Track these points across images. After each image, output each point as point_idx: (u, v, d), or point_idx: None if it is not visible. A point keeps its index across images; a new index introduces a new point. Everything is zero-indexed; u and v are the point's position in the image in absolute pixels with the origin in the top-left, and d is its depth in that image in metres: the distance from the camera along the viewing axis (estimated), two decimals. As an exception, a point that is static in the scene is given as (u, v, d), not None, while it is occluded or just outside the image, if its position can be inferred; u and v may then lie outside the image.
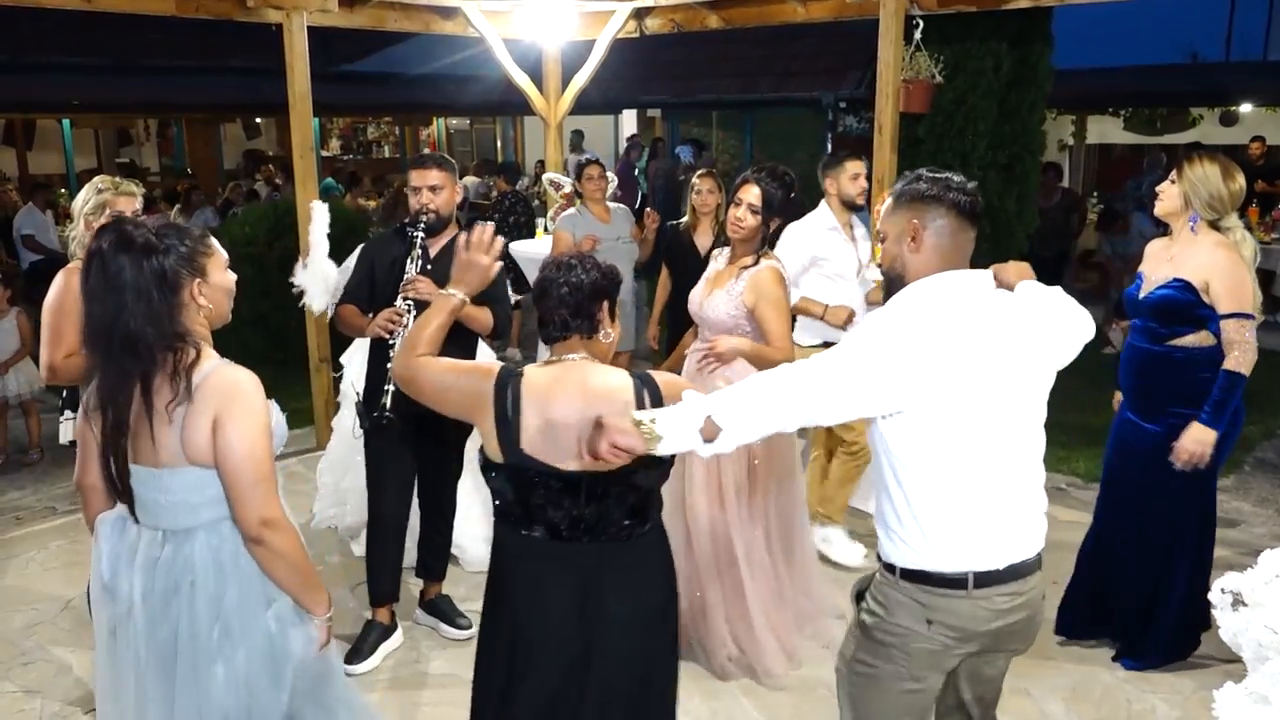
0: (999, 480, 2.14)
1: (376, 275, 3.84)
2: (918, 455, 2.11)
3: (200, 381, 2.16)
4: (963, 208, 2.19)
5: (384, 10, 6.52)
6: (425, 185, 3.74)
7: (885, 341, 2.09)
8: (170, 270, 2.17)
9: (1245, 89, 14.29)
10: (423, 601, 4.22)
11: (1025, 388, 2.17)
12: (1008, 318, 2.17)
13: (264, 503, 2.17)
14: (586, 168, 5.78)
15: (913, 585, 2.17)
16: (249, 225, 8.16)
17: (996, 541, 2.15)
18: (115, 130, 17.09)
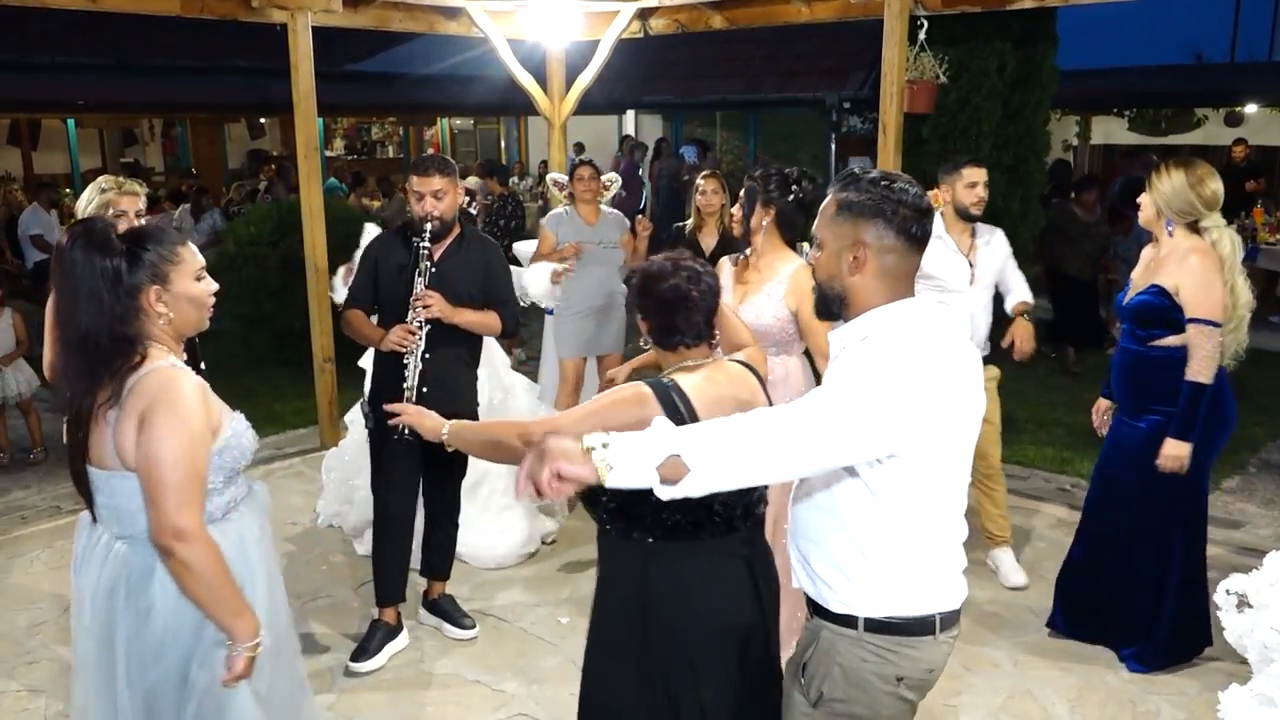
0: (958, 516, 2.03)
1: (381, 279, 3.84)
2: (905, 494, 1.92)
3: (134, 384, 2.12)
4: (910, 233, 1.94)
5: (388, 10, 6.53)
6: (429, 191, 3.71)
7: (883, 381, 1.84)
8: (125, 273, 2.14)
9: (1250, 90, 14.27)
10: (426, 601, 4.22)
11: (976, 420, 2.03)
12: (962, 351, 2.01)
13: (176, 510, 2.07)
14: (578, 168, 5.77)
15: (879, 637, 1.96)
16: (253, 225, 8.16)
17: (955, 578, 2.03)
18: (120, 130, 17.11)
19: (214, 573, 2.12)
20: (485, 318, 3.87)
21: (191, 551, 2.08)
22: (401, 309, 3.71)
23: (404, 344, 3.64)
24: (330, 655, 3.96)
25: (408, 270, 3.73)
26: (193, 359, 3.55)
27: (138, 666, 2.19)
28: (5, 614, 4.29)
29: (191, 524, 2.09)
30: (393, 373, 3.70)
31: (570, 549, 4.91)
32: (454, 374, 3.86)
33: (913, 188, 1.97)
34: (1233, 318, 3.59)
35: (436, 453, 3.93)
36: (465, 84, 15.45)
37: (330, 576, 4.64)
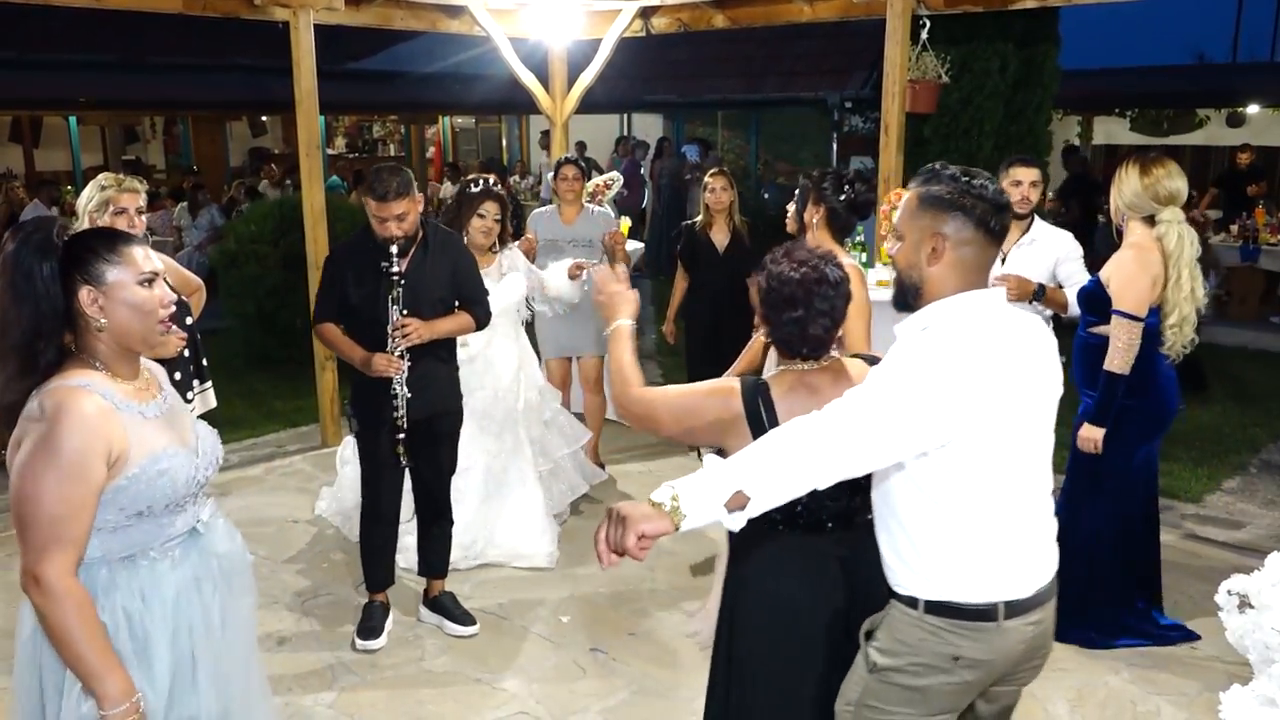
0: (1025, 506, 2.05)
1: (350, 296, 3.79)
2: (951, 486, 1.98)
3: (35, 399, 1.95)
4: (989, 227, 2.03)
5: (390, 8, 6.53)
6: (392, 216, 3.64)
7: (930, 373, 1.92)
8: (58, 275, 1.97)
9: (1252, 90, 14.26)
10: (426, 599, 4.23)
11: (1044, 411, 2.07)
12: (1029, 340, 2.06)
13: (35, 553, 1.87)
14: (562, 167, 5.77)
15: (939, 619, 2.02)
16: (254, 223, 8.16)
17: (1023, 569, 2.05)
18: (121, 128, 17.10)
19: (68, 627, 1.89)
20: (460, 321, 3.92)
21: (47, 602, 1.88)
22: (375, 327, 3.71)
23: (391, 373, 3.70)
24: (330, 653, 3.96)
25: (379, 292, 3.70)
26: (194, 357, 3.57)
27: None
28: (4, 611, 4.27)
29: (46, 571, 1.87)
30: (374, 383, 3.75)
31: (572, 548, 4.91)
32: (435, 375, 3.90)
33: (991, 184, 2.04)
34: (1172, 311, 3.69)
35: (424, 451, 3.95)
36: (467, 82, 15.45)
37: (330, 574, 4.64)
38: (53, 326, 1.96)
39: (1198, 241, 3.73)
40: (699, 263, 5.78)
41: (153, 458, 2.00)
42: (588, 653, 3.98)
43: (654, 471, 5.97)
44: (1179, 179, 3.69)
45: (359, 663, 3.90)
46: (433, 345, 3.83)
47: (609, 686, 3.75)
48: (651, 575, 4.62)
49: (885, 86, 5.65)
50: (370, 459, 3.97)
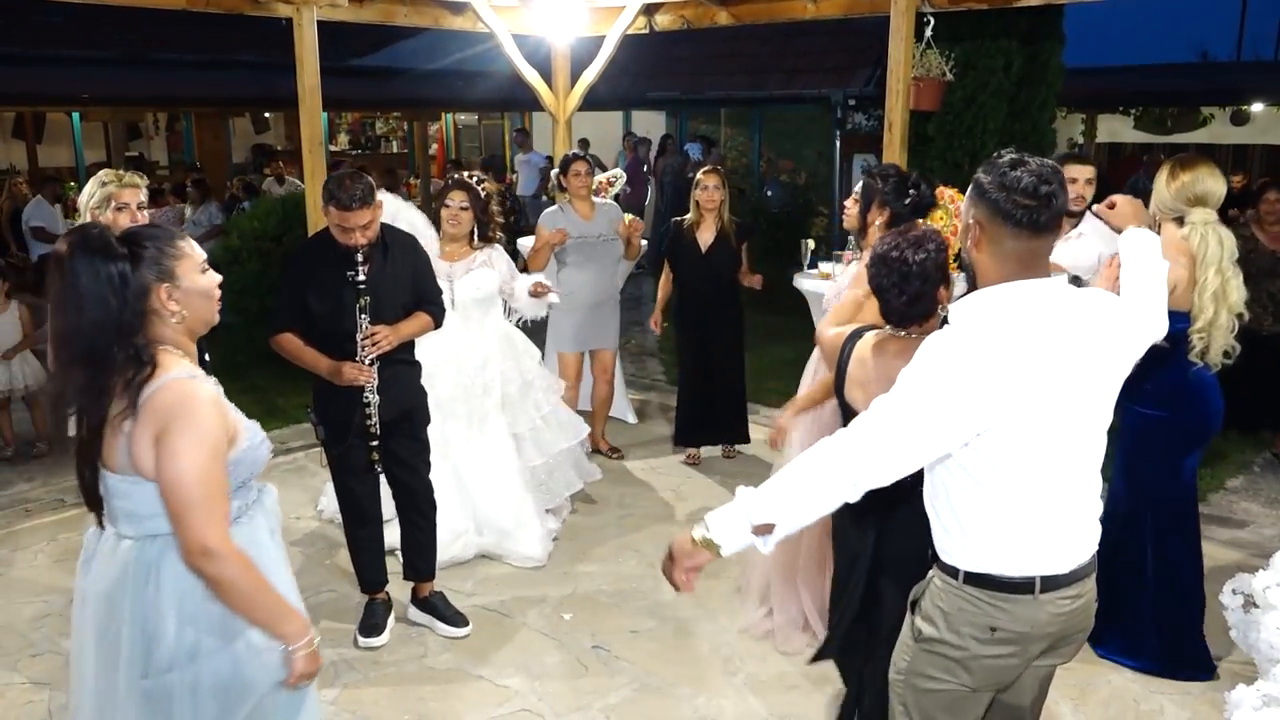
0: (1066, 486, 2.08)
1: (314, 304, 3.73)
2: (987, 469, 2.04)
3: (150, 395, 2.04)
4: (1018, 220, 2.01)
5: (393, 5, 6.51)
6: (357, 226, 3.60)
7: (950, 376, 1.96)
8: (133, 277, 2.05)
9: (1257, 88, 14.24)
10: (415, 599, 4.19)
11: (1094, 395, 2.09)
12: (1081, 325, 2.05)
13: (202, 529, 2.02)
14: (573, 164, 5.75)
15: (977, 590, 2.09)
16: (257, 220, 8.16)
17: (1062, 546, 2.10)
18: (124, 124, 17.12)
19: (248, 583, 2.08)
20: (421, 322, 3.92)
21: (222, 567, 2.04)
22: (338, 336, 3.69)
23: (361, 380, 3.69)
24: (332, 650, 3.95)
25: (343, 301, 3.68)
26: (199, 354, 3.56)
27: (140, 664, 2.15)
28: (9, 607, 4.29)
29: (218, 541, 2.04)
30: (339, 390, 3.73)
31: (573, 546, 4.91)
32: (399, 376, 3.87)
33: (1030, 176, 2.01)
34: (1198, 315, 3.52)
35: (398, 450, 3.94)
36: (470, 79, 15.44)
37: (333, 571, 4.64)
38: (130, 326, 2.04)
39: (1233, 243, 3.58)
40: (682, 261, 5.76)
41: (250, 433, 2.21)
42: (590, 650, 3.98)
43: (654, 469, 5.97)
44: (1210, 181, 3.58)
45: (361, 660, 3.90)
46: (398, 350, 3.82)
47: (611, 683, 3.75)
48: (653, 572, 4.61)
49: (889, 84, 5.63)
50: (342, 465, 3.94)
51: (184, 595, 2.14)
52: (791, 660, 3.88)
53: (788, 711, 3.58)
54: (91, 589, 2.21)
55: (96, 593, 2.20)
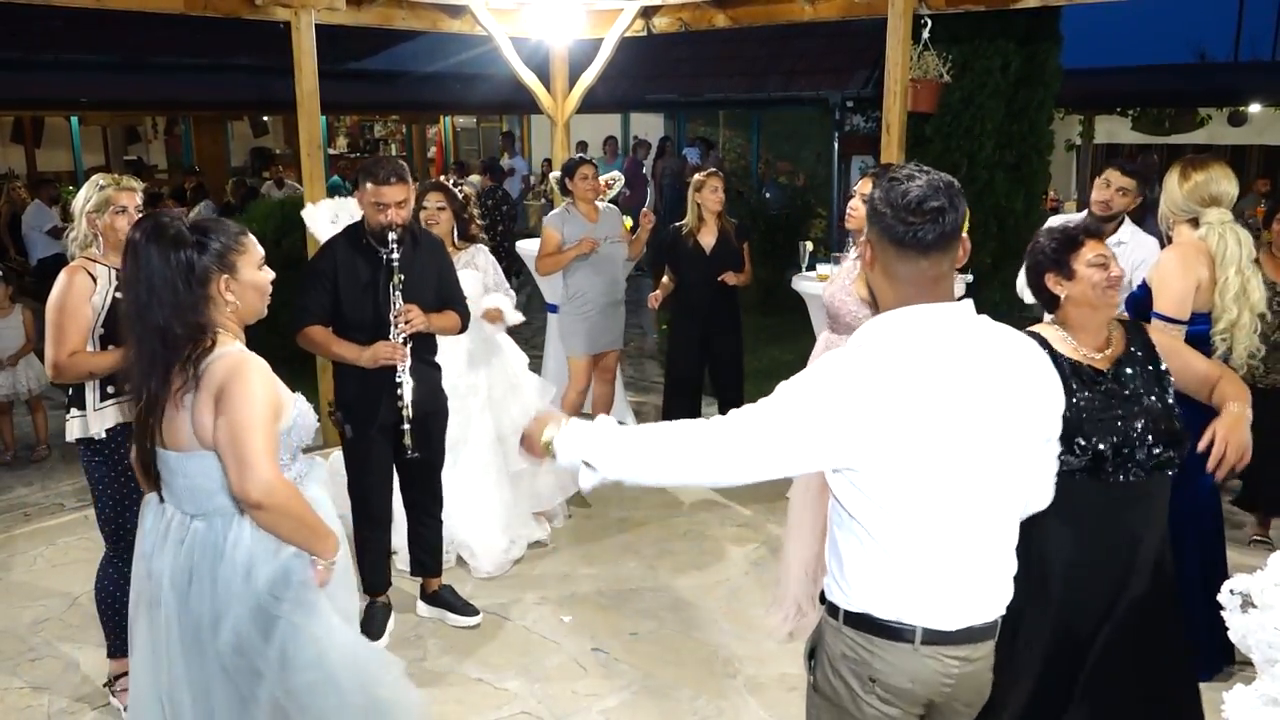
0: (962, 536, 1.91)
1: (345, 294, 3.73)
2: (869, 505, 1.89)
3: (207, 367, 2.24)
4: (899, 238, 1.85)
5: (391, 8, 6.51)
6: (393, 202, 3.62)
7: (823, 393, 1.85)
8: (198, 264, 2.26)
9: (1254, 89, 14.25)
10: (425, 595, 4.23)
11: (991, 440, 1.89)
12: (979, 361, 1.89)
13: (260, 464, 2.20)
14: (580, 166, 5.75)
15: (855, 632, 1.95)
16: (256, 223, 8.16)
17: (952, 600, 1.92)
18: (123, 128, 17.13)
19: (299, 508, 2.30)
20: (450, 319, 3.92)
21: (279, 497, 2.23)
22: (373, 325, 3.69)
23: (395, 359, 3.66)
24: (332, 653, 3.95)
25: (378, 285, 3.69)
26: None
27: (222, 637, 2.30)
28: (8, 610, 4.29)
29: (274, 473, 2.23)
30: (368, 381, 3.72)
31: (573, 548, 4.91)
32: (424, 376, 3.86)
33: (918, 189, 1.85)
34: (1220, 316, 3.49)
35: (419, 449, 3.93)
36: (468, 82, 15.45)
37: (333, 574, 4.64)
38: (193, 309, 2.25)
39: (1251, 242, 3.55)
40: (684, 265, 5.76)
41: (298, 406, 2.41)
42: (589, 652, 3.98)
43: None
44: (1224, 181, 3.55)
45: (361, 663, 3.90)
46: (420, 346, 3.82)
47: (610, 686, 3.74)
48: (653, 575, 4.62)
49: (887, 85, 5.63)
50: (363, 461, 3.93)
51: (255, 566, 2.30)
52: (790, 662, 3.88)
53: (787, 713, 3.57)
54: (165, 569, 2.34)
55: (172, 573, 2.33)
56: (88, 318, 3.29)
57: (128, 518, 3.40)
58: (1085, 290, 2.63)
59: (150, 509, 2.45)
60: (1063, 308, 2.70)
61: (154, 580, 2.37)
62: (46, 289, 3.36)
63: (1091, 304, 2.64)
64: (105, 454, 3.36)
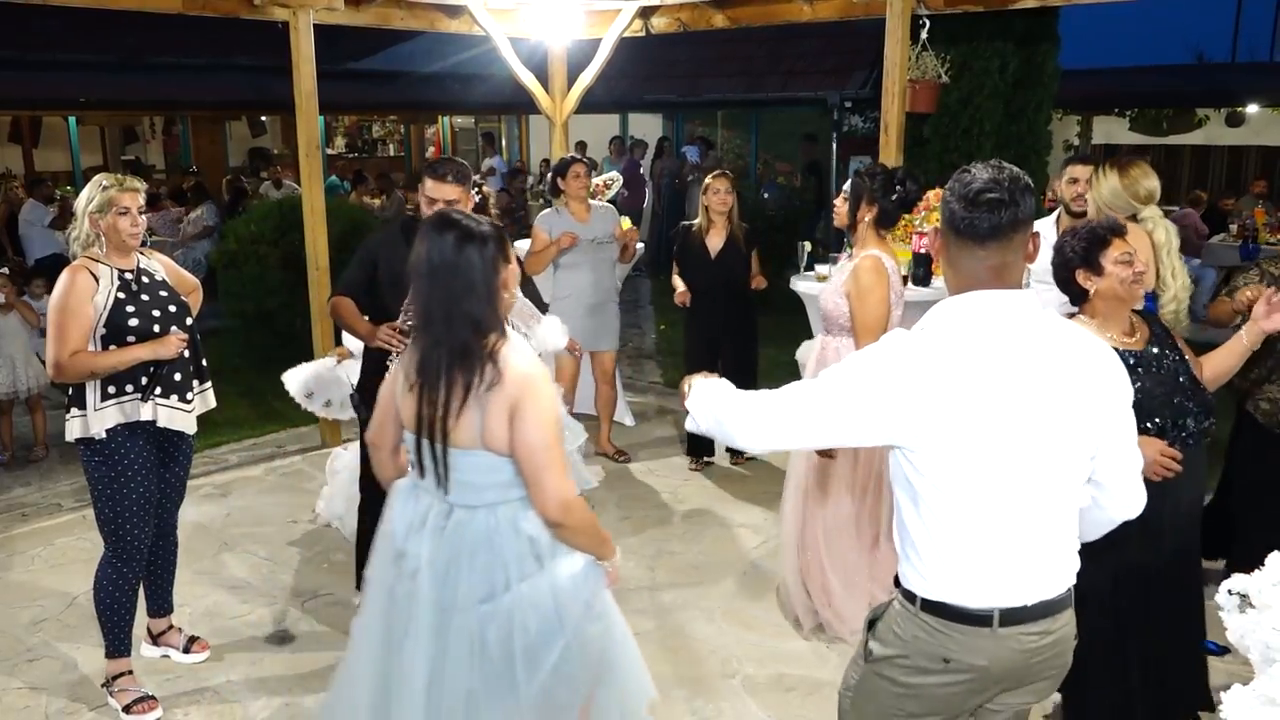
0: (1024, 516, 1.96)
1: (382, 279, 3.86)
2: (931, 488, 1.96)
3: (502, 371, 2.30)
4: (958, 227, 1.95)
5: (389, 8, 6.52)
6: (443, 199, 3.66)
7: (879, 368, 1.96)
8: (497, 260, 2.35)
9: (1252, 90, 14.26)
10: None
11: (1049, 423, 1.94)
12: (1042, 349, 1.95)
13: (559, 485, 2.30)
14: (571, 165, 5.76)
15: (933, 618, 2.00)
16: (255, 223, 8.16)
17: (1024, 577, 1.98)
18: (121, 128, 17.10)
19: (590, 520, 2.41)
20: None
21: (576, 513, 2.34)
22: (397, 313, 3.70)
23: (392, 344, 3.67)
24: (332, 653, 3.94)
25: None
26: (195, 358, 3.57)
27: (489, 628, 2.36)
28: (6, 611, 4.29)
29: (570, 491, 2.33)
30: (383, 365, 3.74)
31: (571, 548, 4.90)
32: None
33: (981, 182, 1.93)
34: (1165, 291, 3.79)
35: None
36: (467, 82, 15.44)
37: (332, 575, 4.64)
38: (493, 309, 2.34)
39: (1176, 233, 3.91)
40: (692, 266, 5.78)
41: (561, 407, 2.58)
42: (588, 653, 3.98)
43: (652, 471, 5.97)
44: (1155, 178, 3.94)
45: (359, 663, 3.89)
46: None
47: (609, 686, 3.74)
48: (652, 575, 4.62)
49: (885, 86, 5.64)
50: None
51: (549, 556, 2.39)
52: (788, 662, 3.88)
53: (785, 713, 3.58)
54: (423, 553, 2.40)
55: (431, 557, 2.39)
56: (89, 317, 3.29)
57: (127, 518, 3.41)
58: (1114, 285, 2.88)
59: (401, 495, 2.51)
60: (1090, 302, 2.95)
61: (408, 563, 2.42)
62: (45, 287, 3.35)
63: (1120, 297, 2.90)
64: (105, 454, 3.36)
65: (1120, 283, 2.88)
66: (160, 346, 3.35)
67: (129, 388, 3.37)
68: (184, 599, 4.16)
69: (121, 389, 3.36)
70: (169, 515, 3.74)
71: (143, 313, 3.38)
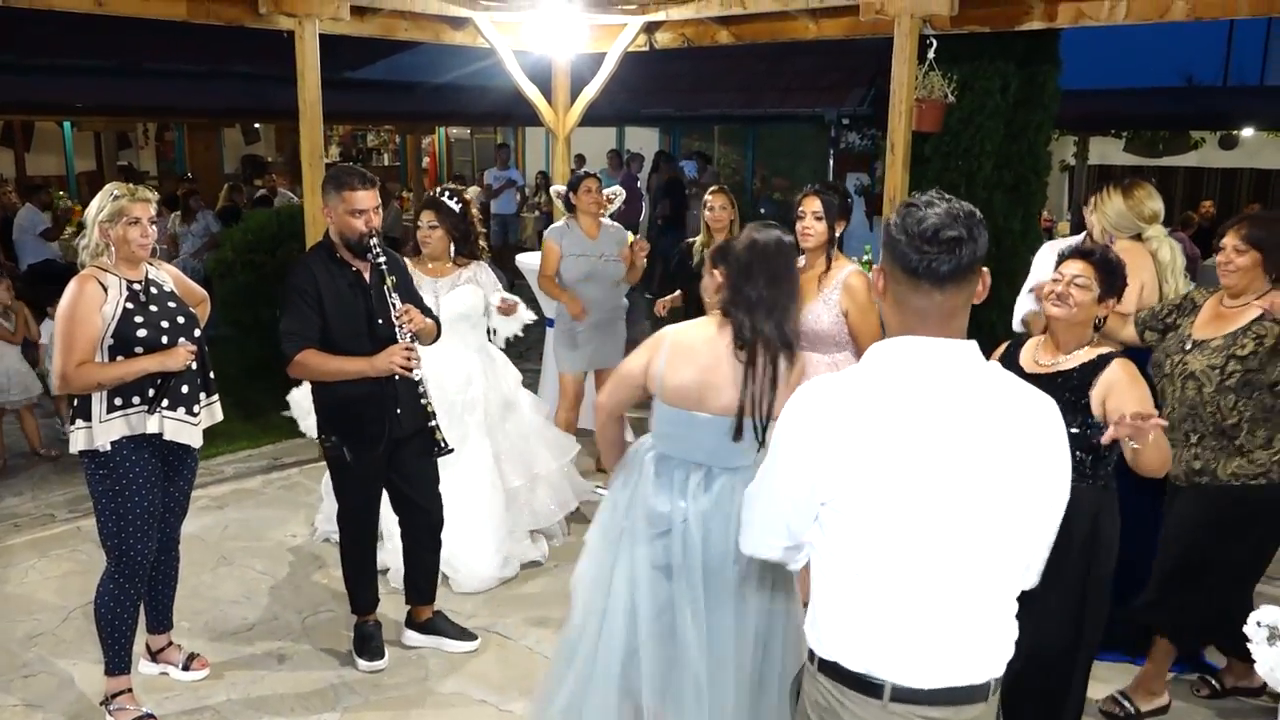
0: (934, 589, 1.78)
1: (331, 310, 3.59)
2: (833, 545, 1.83)
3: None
4: (913, 268, 1.76)
5: (394, 19, 6.50)
6: (369, 207, 3.57)
7: (803, 424, 1.84)
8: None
9: (1246, 113, 14.36)
10: (415, 623, 4.11)
11: (982, 496, 1.76)
12: (977, 403, 1.77)
13: None
14: (583, 180, 5.74)
15: (827, 680, 1.86)
16: (251, 233, 8.10)
17: (927, 656, 1.79)
18: (116, 133, 17.02)
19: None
20: (431, 325, 3.87)
21: None
22: (368, 341, 3.60)
23: (409, 364, 3.58)
24: (332, 672, 3.90)
25: (365, 297, 3.64)
26: (202, 370, 3.51)
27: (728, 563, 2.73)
28: (1, 625, 4.21)
29: None
30: (361, 397, 3.63)
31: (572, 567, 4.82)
32: (409, 392, 3.72)
33: (936, 217, 1.75)
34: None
35: (413, 468, 3.87)
36: (464, 93, 15.43)
37: (330, 591, 4.58)
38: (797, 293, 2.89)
39: (1182, 252, 4.03)
40: (691, 281, 5.75)
41: None
42: (594, 674, 3.93)
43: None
44: (1158, 200, 4.03)
45: (362, 683, 3.84)
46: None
47: (616, 708, 3.69)
48: (656, 594, 4.57)
49: (892, 105, 5.63)
50: (359, 483, 3.82)
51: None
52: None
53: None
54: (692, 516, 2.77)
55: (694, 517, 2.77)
56: (97, 327, 3.24)
57: (130, 533, 3.35)
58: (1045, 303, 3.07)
59: (652, 464, 2.93)
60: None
61: (673, 524, 2.79)
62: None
63: (1049, 314, 3.04)
64: (110, 467, 3.31)
65: (1044, 298, 3.04)
66: (168, 358, 3.30)
67: (135, 400, 3.32)
68: (182, 615, 4.09)
69: (128, 401, 3.31)
70: (172, 530, 3.68)
71: (151, 324, 3.34)
